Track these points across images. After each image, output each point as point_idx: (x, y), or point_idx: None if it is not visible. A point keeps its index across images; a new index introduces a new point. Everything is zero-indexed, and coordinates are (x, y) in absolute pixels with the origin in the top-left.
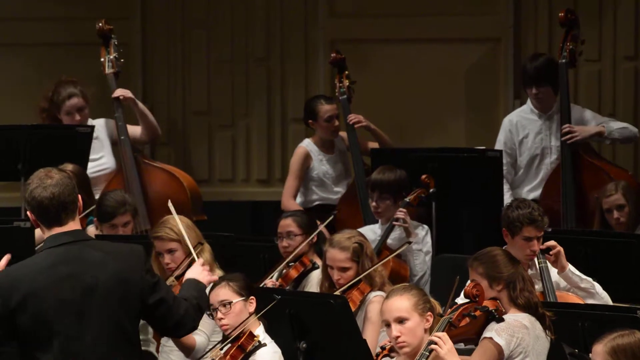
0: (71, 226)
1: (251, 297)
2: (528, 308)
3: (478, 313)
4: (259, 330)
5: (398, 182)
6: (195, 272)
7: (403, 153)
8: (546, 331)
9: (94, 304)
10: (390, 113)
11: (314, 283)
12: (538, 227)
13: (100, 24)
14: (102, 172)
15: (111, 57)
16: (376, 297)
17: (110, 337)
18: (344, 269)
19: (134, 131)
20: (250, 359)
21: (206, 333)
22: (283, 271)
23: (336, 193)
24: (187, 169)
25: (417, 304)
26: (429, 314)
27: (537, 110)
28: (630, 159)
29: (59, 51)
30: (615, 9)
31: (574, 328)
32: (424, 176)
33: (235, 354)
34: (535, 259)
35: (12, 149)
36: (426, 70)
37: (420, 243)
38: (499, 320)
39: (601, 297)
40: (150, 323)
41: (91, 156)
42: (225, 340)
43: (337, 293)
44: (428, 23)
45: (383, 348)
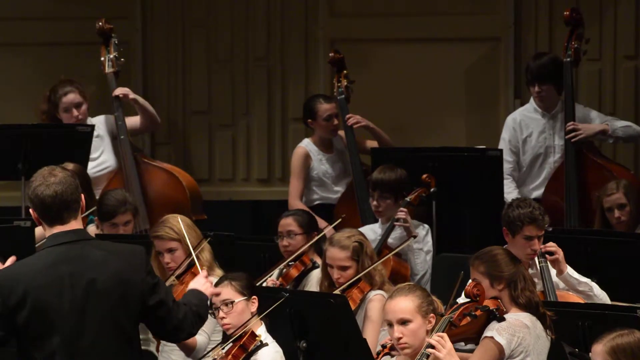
0: (73, 225)
1: (253, 297)
2: (529, 307)
3: (479, 313)
4: (261, 329)
5: (399, 182)
6: (198, 283)
7: (403, 152)
8: (547, 331)
9: (94, 304)
10: (390, 112)
11: (314, 282)
12: (539, 227)
13: (100, 23)
14: (104, 172)
15: (111, 57)
16: (376, 296)
17: (110, 337)
18: (344, 268)
19: (133, 122)
20: (252, 359)
21: (207, 332)
22: (283, 270)
23: (336, 192)
24: (188, 168)
25: (421, 306)
26: (432, 316)
27: (541, 109)
28: (630, 159)
29: (59, 50)
30: (615, 9)
31: (574, 327)
32: (425, 175)
33: (237, 354)
34: (535, 258)
35: (12, 149)
36: (426, 69)
37: (421, 242)
38: (500, 319)
39: (599, 299)
40: (148, 325)
41: (92, 155)
42: (226, 339)
43: (337, 292)
44: (428, 22)
45: (384, 346)
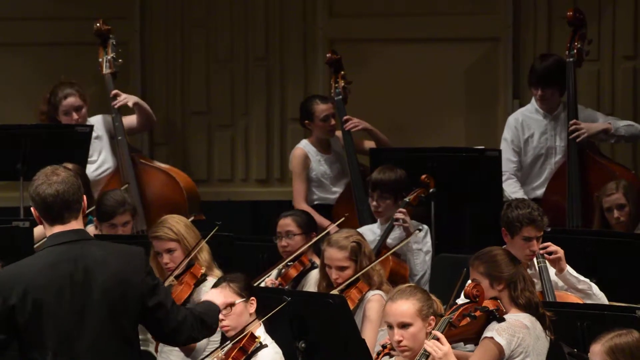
0: (73, 225)
1: (252, 298)
2: (529, 308)
3: (478, 313)
4: (260, 330)
5: (398, 182)
6: (211, 295)
7: (402, 153)
8: (546, 331)
9: (94, 304)
10: (389, 113)
11: (312, 282)
12: (537, 227)
13: (98, 24)
14: (104, 174)
15: (109, 58)
16: (374, 296)
17: (109, 338)
18: (342, 268)
19: (130, 122)
20: None
21: None
22: (282, 270)
23: (334, 193)
24: (186, 169)
25: (422, 309)
26: (432, 318)
27: (543, 110)
28: (628, 159)
29: (58, 51)
30: (614, 9)
31: (573, 328)
32: (424, 176)
33: (236, 356)
34: (534, 259)
35: (11, 149)
36: (425, 69)
37: (420, 243)
38: (500, 320)
39: (598, 299)
40: (147, 327)
41: (91, 157)
42: (225, 341)
43: (336, 292)
44: (427, 23)
45: (384, 347)
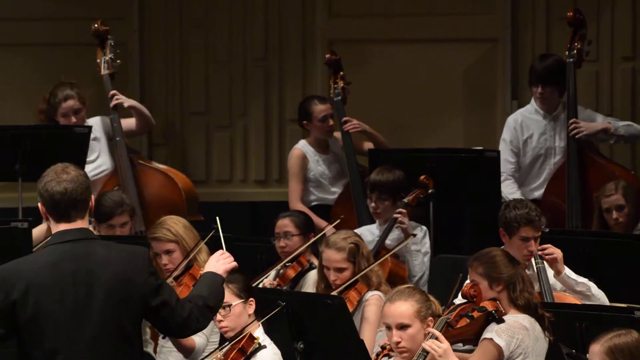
0: (79, 224)
1: (250, 299)
2: (528, 309)
3: (476, 314)
4: (259, 331)
5: (397, 183)
6: (211, 264)
7: (401, 154)
8: (545, 332)
9: (96, 303)
10: (388, 113)
11: (311, 283)
12: (535, 228)
13: (96, 25)
14: (101, 175)
15: (107, 58)
16: (373, 297)
17: (110, 337)
18: (340, 270)
19: (129, 124)
20: None
21: (205, 334)
22: (280, 271)
23: (333, 193)
24: (185, 170)
25: (420, 310)
26: (430, 319)
27: (542, 110)
28: (627, 159)
29: (57, 51)
30: (612, 10)
31: (572, 328)
32: (423, 177)
33: (235, 357)
34: (532, 260)
35: (10, 150)
36: (424, 70)
37: (418, 244)
38: (499, 321)
39: (597, 299)
40: (154, 325)
41: (89, 157)
42: (224, 342)
43: (334, 293)
44: (426, 23)
45: (383, 347)
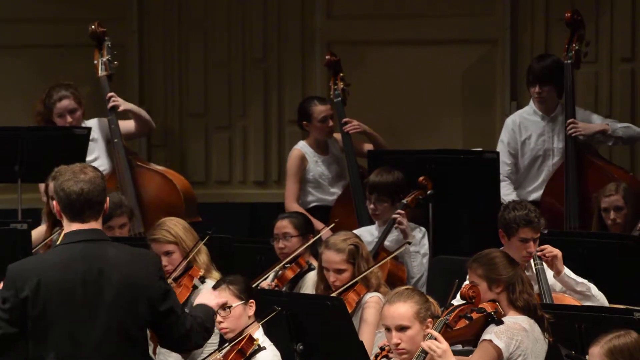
0: (92, 225)
1: (250, 300)
2: (527, 310)
3: (475, 315)
4: (258, 333)
5: (396, 184)
6: (203, 298)
7: (400, 155)
8: (544, 333)
9: (105, 305)
10: (387, 115)
11: (310, 285)
12: (534, 229)
13: (93, 26)
14: None
15: (104, 60)
16: (372, 299)
17: (117, 339)
18: (340, 271)
19: (128, 127)
20: None
21: None
22: (279, 272)
23: (332, 194)
24: (184, 171)
25: (419, 312)
26: (429, 320)
27: (540, 111)
28: (626, 160)
29: (57, 52)
30: (612, 11)
31: (571, 330)
32: (422, 178)
33: (234, 358)
34: (531, 261)
35: (9, 151)
36: (423, 71)
37: (417, 245)
38: (498, 322)
39: (597, 299)
40: (158, 334)
41: (87, 158)
42: (224, 343)
43: (334, 295)
44: (425, 25)
45: (382, 349)
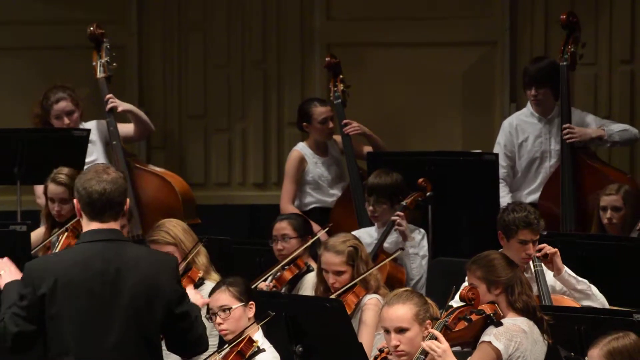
0: (111, 225)
1: (250, 302)
2: (526, 312)
3: (474, 317)
4: (258, 335)
5: (395, 186)
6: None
7: (400, 156)
8: (544, 335)
9: (121, 305)
10: (386, 116)
11: (309, 286)
12: (534, 231)
13: (91, 28)
14: None
15: (103, 61)
16: (371, 300)
17: (133, 340)
18: (339, 273)
19: (127, 130)
20: None
21: None
22: (277, 274)
23: (332, 196)
24: (183, 173)
25: (418, 314)
26: (428, 322)
27: (537, 113)
28: (626, 162)
29: (56, 54)
30: (611, 12)
31: (570, 331)
32: (421, 180)
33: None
34: (530, 263)
35: (8, 153)
36: (422, 73)
37: (416, 247)
38: (498, 324)
39: (597, 299)
40: (170, 337)
41: (85, 160)
42: (223, 344)
43: (333, 297)
44: (424, 26)
45: (381, 351)
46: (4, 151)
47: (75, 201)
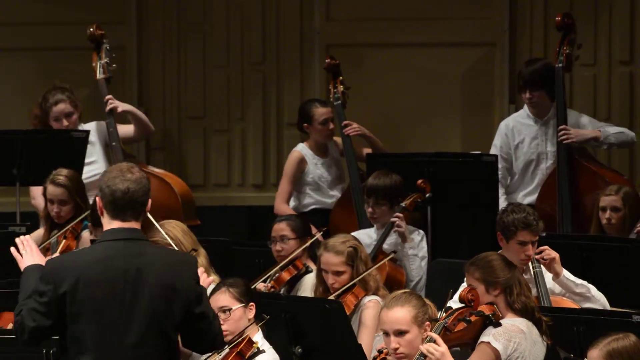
0: (132, 225)
1: (251, 303)
2: (525, 313)
3: (473, 318)
4: (258, 336)
5: (393, 188)
6: None
7: (399, 158)
8: (543, 336)
9: (142, 304)
10: (385, 118)
11: (308, 287)
12: (533, 232)
13: (91, 29)
14: (95, 178)
15: (102, 62)
16: (371, 302)
17: (154, 340)
18: (339, 273)
19: (127, 131)
20: None
21: None
22: (276, 275)
23: (331, 197)
24: (183, 174)
25: (417, 316)
26: (427, 324)
27: (533, 115)
28: (626, 163)
29: (56, 55)
30: (610, 14)
31: (569, 333)
32: (420, 181)
33: None
34: (529, 264)
35: (8, 154)
36: (422, 74)
37: (416, 248)
38: (496, 324)
39: (597, 300)
40: (187, 335)
41: (84, 161)
42: (223, 345)
43: (332, 297)
44: (424, 27)
45: (380, 352)
46: (4, 152)
47: (97, 199)
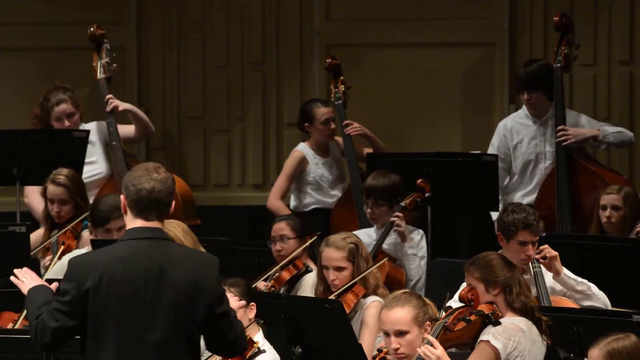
0: (155, 224)
1: (252, 303)
2: (524, 312)
3: (473, 317)
4: (259, 336)
5: (392, 188)
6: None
7: (399, 157)
8: (542, 336)
9: (165, 303)
10: (385, 117)
11: (308, 287)
12: (533, 232)
13: (92, 29)
14: (95, 178)
15: (103, 62)
16: (373, 302)
17: (176, 340)
18: (340, 269)
19: (128, 131)
20: None
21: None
22: (276, 274)
23: (332, 197)
24: (183, 174)
25: (418, 316)
26: (428, 324)
27: (532, 115)
28: (625, 164)
29: (57, 55)
30: (610, 14)
31: (569, 333)
32: (420, 180)
33: None
34: (529, 264)
35: (8, 154)
36: (422, 74)
37: (415, 247)
38: (496, 323)
39: (598, 298)
40: (209, 337)
41: (85, 161)
42: None
43: (332, 297)
44: (424, 27)
45: (380, 350)
46: (4, 152)
47: (122, 197)
